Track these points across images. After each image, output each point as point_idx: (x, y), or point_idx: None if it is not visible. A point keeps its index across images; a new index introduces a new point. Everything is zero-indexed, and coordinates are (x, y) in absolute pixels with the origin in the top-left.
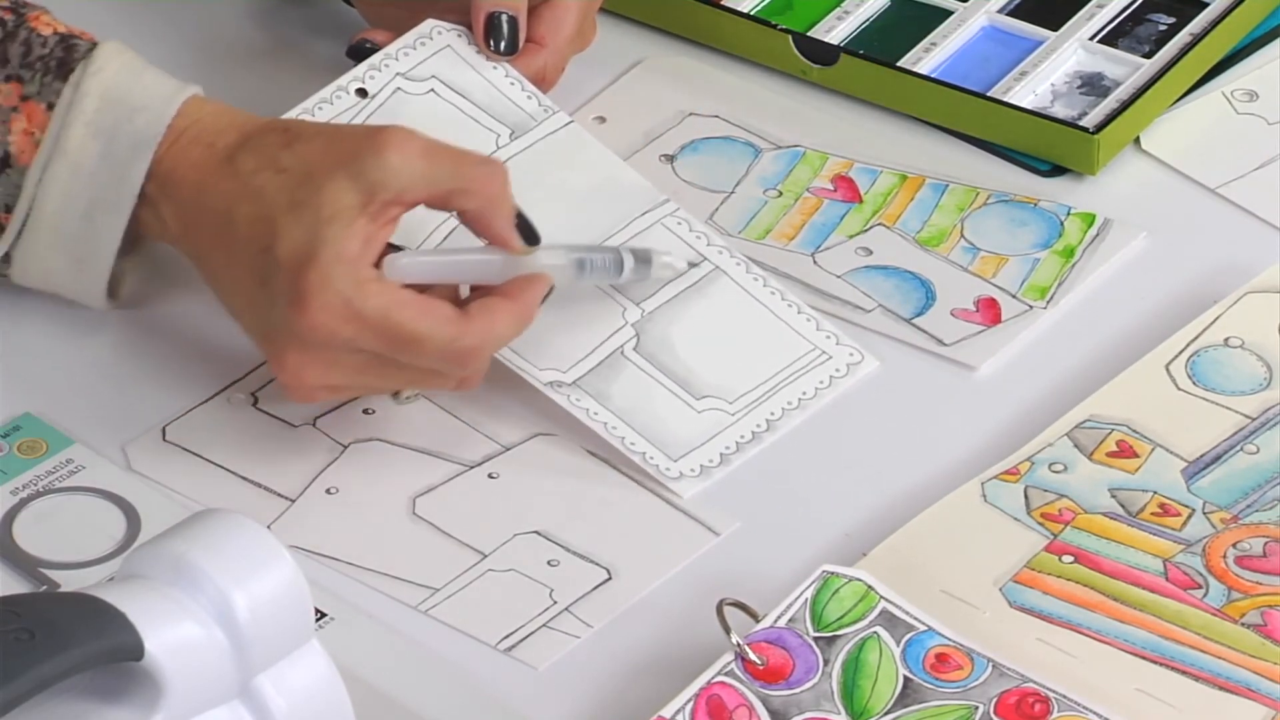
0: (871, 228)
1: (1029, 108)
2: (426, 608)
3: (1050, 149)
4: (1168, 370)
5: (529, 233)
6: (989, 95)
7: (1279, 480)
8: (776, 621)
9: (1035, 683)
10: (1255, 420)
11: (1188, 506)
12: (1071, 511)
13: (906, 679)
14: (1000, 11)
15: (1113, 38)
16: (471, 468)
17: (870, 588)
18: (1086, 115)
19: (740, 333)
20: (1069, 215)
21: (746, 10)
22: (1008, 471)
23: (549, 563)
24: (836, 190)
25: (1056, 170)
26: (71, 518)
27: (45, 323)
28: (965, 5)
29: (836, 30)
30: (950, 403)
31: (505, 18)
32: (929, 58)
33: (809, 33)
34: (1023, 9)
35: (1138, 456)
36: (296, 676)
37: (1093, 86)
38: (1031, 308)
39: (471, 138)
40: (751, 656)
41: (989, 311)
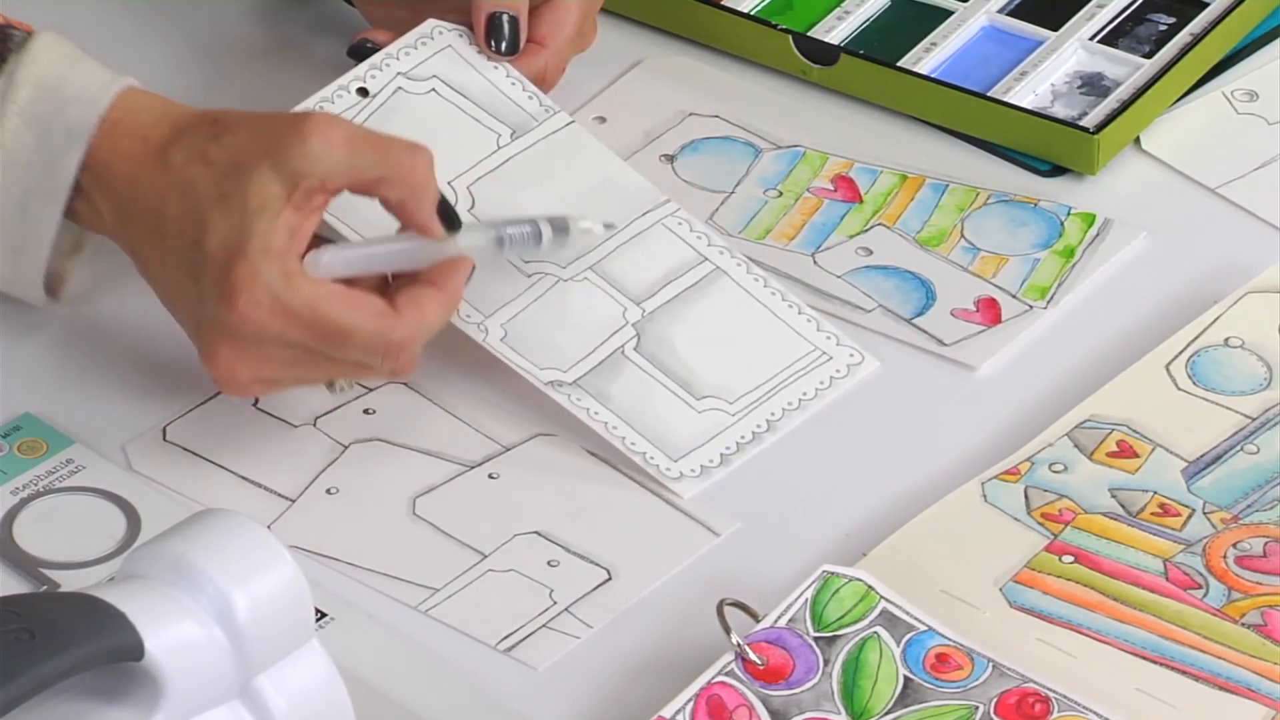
0: (872, 228)
1: (1029, 108)
2: (426, 608)
3: (1050, 149)
4: (1168, 370)
5: (450, 218)
6: (989, 95)
7: (1279, 480)
8: (776, 621)
9: (1035, 683)
10: (1255, 420)
11: (1188, 506)
12: (1072, 511)
13: (906, 679)
14: (1000, 11)
15: (1113, 38)
16: (471, 468)
17: (870, 588)
18: (1086, 115)
19: (741, 333)
20: (1069, 215)
21: (746, 10)
22: (1008, 471)
23: (549, 563)
24: (837, 190)
25: (1056, 170)
26: (71, 518)
27: (45, 323)
28: (965, 5)
29: (836, 30)
30: (950, 403)
31: (506, 18)
32: (929, 58)
33: (809, 33)
34: (1023, 9)
35: (1138, 456)
36: (296, 676)
37: (1093, 86)
38: (1031, 308)
39: (472, 138)
40: (751, 656)
41: (989, 311)
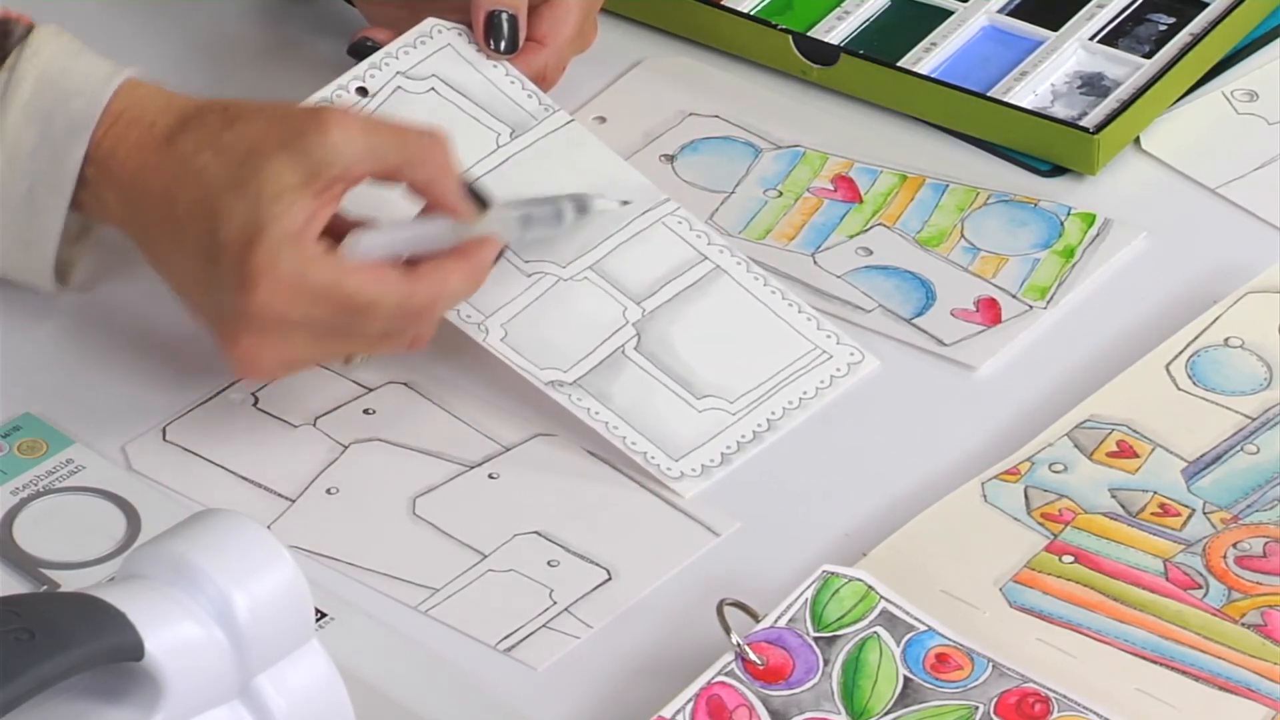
0: (872, 228)
1: (1029, 108)
2: (426, 608)
3: (1050, 149)
4: (1168, 370)
5: (478, 198)
6: (989, 95)
7: (1279, 480)
8: (776, 621)
9: (1035, 683)
10: (1255, 420)
11: (1188, 506)
12: (1071, 511)
13: (906, 679)
14: (1000, 11)
15: (1113, 38)
16: (471, 468)
17: (870, 588)
18: (1086, 115)
19: (741, 332)
20: (1069, 215)
21: (746, 10)
22: (1008, 471)
23: (549, 563)
24: (836, 190)
25: (1056, 170)
26: (71, 518)
27: (45, 323)
28: (965, 5)
29: (836, 30)
30: (950, 403)
31: (505, 16)
32: (929, 58)
33: (809, 33)
34: (1023, 9)
35: (1138, 456)
36: (296, 676)
37: (1093, 86)
38: (1031, 308)
39: (472, 136)
40: (751, 656)
41: (989, 311)
